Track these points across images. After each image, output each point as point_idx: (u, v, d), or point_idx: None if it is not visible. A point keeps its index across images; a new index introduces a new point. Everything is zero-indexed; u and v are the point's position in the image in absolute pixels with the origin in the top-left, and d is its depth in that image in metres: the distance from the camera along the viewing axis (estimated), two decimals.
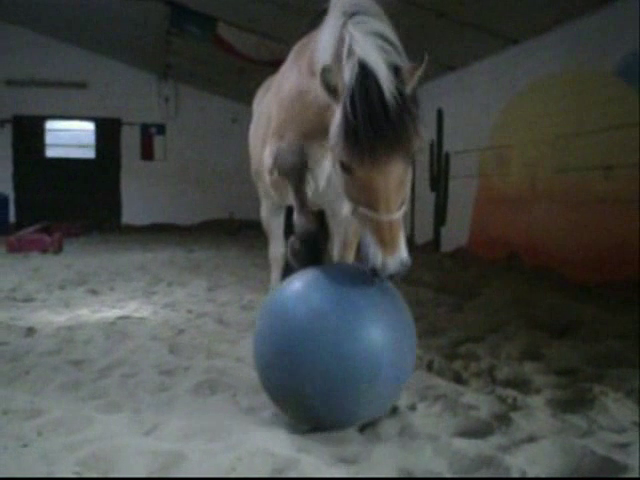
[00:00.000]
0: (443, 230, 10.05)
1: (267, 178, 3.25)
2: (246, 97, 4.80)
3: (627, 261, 5.92)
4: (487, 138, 8.68)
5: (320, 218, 3.03)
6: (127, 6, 11.09)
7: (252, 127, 4.33)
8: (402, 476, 2.19)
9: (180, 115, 16.86)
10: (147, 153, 16.90)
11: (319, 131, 2.72)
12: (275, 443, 2.40)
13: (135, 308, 5.53)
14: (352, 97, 2.08)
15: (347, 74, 2.12)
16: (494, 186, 8.54)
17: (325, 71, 2.16)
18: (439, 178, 10.07)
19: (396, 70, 2.16)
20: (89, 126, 16.72)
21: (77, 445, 2.39)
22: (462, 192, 9.37)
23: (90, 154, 16.85)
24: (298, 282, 2.59)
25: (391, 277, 2.19)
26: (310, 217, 2.82)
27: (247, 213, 15.33)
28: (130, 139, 16.73)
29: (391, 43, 2.23)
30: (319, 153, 2.89)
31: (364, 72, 2.10)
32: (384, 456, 2.33)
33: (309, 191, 3.05)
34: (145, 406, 2.89)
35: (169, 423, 2.63)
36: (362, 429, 2.59)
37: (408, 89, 2.16)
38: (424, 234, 10.56)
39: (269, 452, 2.30)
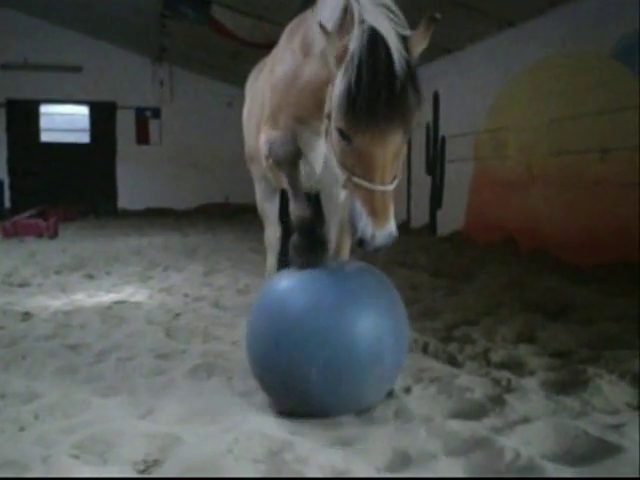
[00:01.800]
0: (439, 214, 10.05)
1: (264, 163, 3.24)
2: (241, 80, 4.76)
3: (623, 243, 5.94)
4: (483, 121, 8.65)
5: (315, 206, 3.01)
6: None
7: (245, 110, 4.31)
8: (397, 459, 2.20)
9: (175, 99, 16.77)
10: (142, 137, 16.83)
11: (314, 114, 2.72)
12: (271, 426, 2.41)
13: (131, 292, 5.54)
14: (360, 63, 2.04)
15: (355, 41, 2.08)
16: (490, 169, 8.54)
17: (331, 36, 2.14)
18: (435, 161, 10.06)
19: (404, 40, 2.13)
20: (84, 110, 16.63)
21: (74, 428, 2.41)
22: (458, 175, 9.36)
23: (85, 138, 16.77)
24: (295, 275, 2.64)
25: (378, 249, 2.18)
26: (305, 205, 2.84)
27: (243, 197, 15.30)
28: (125, 123, 16.65)
29: (397, 15, 2.21)
30: (314, 137, 2.88)
31: (374, 39, 2.06)
32: (379, 438, 2.34)
33: (305, 175, 3.05)
34: (141, 390, 2.90)
35: (165, 406, 2.65)
36: (358, 412, 2.61)
37: (413, 59, 2.14)
38: (420, 218, 10.56)
39: (265, 435, 2.31)
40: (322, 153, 2.96)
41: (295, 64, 2.78)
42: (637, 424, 2.41)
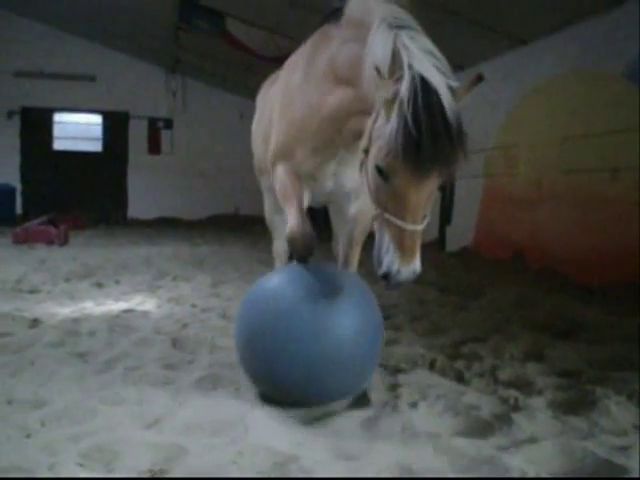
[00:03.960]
0: (448, 229, 10.05)
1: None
2: (253, 93, 4.80)
3: (632, 263, 5.91)
4: (494, 138, 8.67)
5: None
6: (137, 0, 11.10)
7: (255, 122, 4.34)
8: (402, 474, 2.19)
9: (187, 110, 16.90)
10: (154, 147, 16.95)
11: (332, 141, 2.77)
12: (276, 438, 2.41)
13: (140, 301, 5.55)
14: (414, 109, 2.07)
15: (406, 86, 2.11)
16: (500, 186, 8.53)
17: (386, 83, 2.15)
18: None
19: (451, 90, 2.17)
20: (97, 119, 16.77)
21: (80, 436, 2.41)
22: (468, 192, 9.36)
23: (97, 147, 16.91)
24: (281, 275, 2.88)
25: (400, 284, 2.22)
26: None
27: (252, 208, 15.34)
28: (137, 133, 16.78)
29: (443, 63, 2.25)
30: (327, 160, 2.92)
31: (426, 87, 2.10)
32: (385, 453, 2.34)
33: (313, 194, 3.11)
34: (148, 399, 2.90)
35: (172, 417, 2.65)
36: (363, 425, 2.60)
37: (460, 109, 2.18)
38: (429, 233, 10.54)
39: (270, 447, 2.31)
40: (331, 171, 3.00)
41: (319, 94, 2.79)
42: None
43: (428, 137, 2.06)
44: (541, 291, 6.00)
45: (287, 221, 2.99)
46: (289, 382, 2.65)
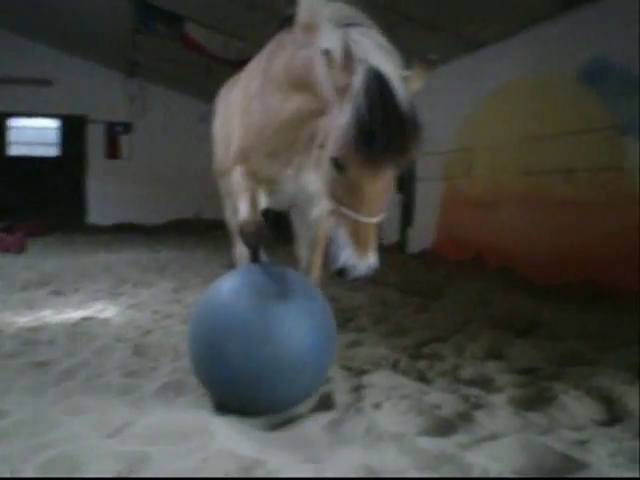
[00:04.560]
0: (409, 231, 10.15)
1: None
2: (213, 96, 4.78)
3: (587, 262, 6.07)
4: (453, 140, 8.79)
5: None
6: (93, 3, 10.95)
7: (215, 125, 4.33)
8: (368, 475, 2.21)
9: (147, 114, 16.68)
10: (113, 152, 16.69)
11: (290, 145, 2.78)
12: (241, 444, 2.41)
13: (100, 309, 5.47)
14: (368, 99, 2.09)
15: (359, 78, 2.13)
16: (460, 188, 8.66)
17: (336, 69, 2.17)
18: (406, 180, 10.16)
19: (404, 80, 2.21)
20: (53, 124, 16.45)
21: (40, 447, 2.37)
22: (429, 194, 9.48)
23: (54, 152, 16.57)
24: (233, 281, 2.85)
25: (356, 279, 2.23)
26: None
27: (214, 213, 15.21)
28: (95, 137, 16.50)
29: (395, 57, 2.28)
30: (286, 165, 2.93)
31: (379, 79, 2.12)
32: (349, 455, 2.35)
33: (273, 200, 3.13)
34: (109, 408, 2.86)
35: (134, 425, 2.61)
36: (328, 428, 2.61)
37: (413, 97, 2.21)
38: (390, 235, 10.63)
39: (235, 453, 2.30)
40: (293, 176, 3.01)
41: (276, 99, 2.81)
42: (601, 440, 2.47)
43: (382, 128, 2.08)
44: (500, 291, 6.12)
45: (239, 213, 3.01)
46: (239, 389, 2.66)
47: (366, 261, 2.20)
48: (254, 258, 2.98)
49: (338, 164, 2.19)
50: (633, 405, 2.81)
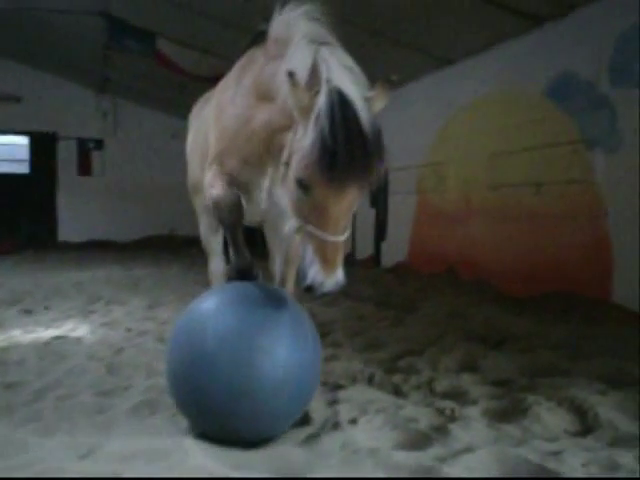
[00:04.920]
0: (383, 245, 10.20)
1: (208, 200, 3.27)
2: (186, 113, 4.77)
3: (557, 274, 6.16)
4: (425, 155, 8.89)
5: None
6: (63, 19, 10.86)
7: (189, 141, 4.32)
8: None
9: (119, 130, 16.57)
10: (84, 168, 16.51)
11: (262, 157, 2.80)
12: (216, 462, 2.38)
13: (71, 328, 5.38)
14: (331, 121, 2.12)
15: (323, 99, 2.17)
16: (432, 202, 8.75)
17: (300, 87, 2.20)
18: (379, 194, 10.22)
19: (367, 101, 2.25)
20: (23, 140, 16.24)
21: (11, 470, 2.31)
22: (402, 208, 9.55)
23: (24, 169, 16.34)
24: (214, 300, 2.72)
25: (324, 295, 2.28)
26: (247, 258, 2.96)
27: (188, 229, 15.13)
28: (67, 154, 16.31)
29: (361, 78, 2.33)
30: (258, 177, 2.95)
31: (343, 100, 2.16)
32: (325, 470, 2.34)
33: (248, 212, 3.12)
34: (81, 429, 2.82)
35: (106, 445, 2.57)
36: (304, 444, 2.60)
37: (376, 118, 2.26)
38: (364, 249, 10.68)
39: (210, 471, 2.28)
40: (266, 189, 3.01)
41: (248, 108, 2.84)
42: (575, 450, 2.49)
43: (344, 150, 2.11)
44: (473, 303, 6.17)
45: (211, 194, 3.01)
46: (217, 417, 2.55)
47: (333, 278, 2.23)
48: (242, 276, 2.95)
49: (303, 184, 2.22)
50: (605, 415, 2.85)
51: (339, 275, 2.25)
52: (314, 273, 2.22)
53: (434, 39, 7.54)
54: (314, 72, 2.24)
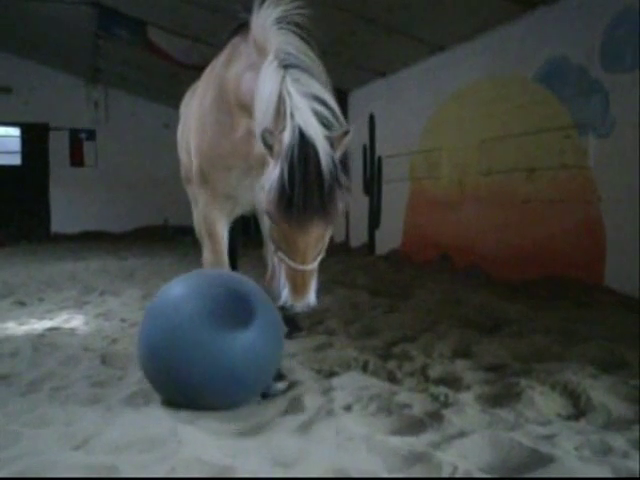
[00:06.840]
0: (377, 233, 10.21)
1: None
2: (178, 102, 4.76)
3: (549, 259, 6.18)
4: (418, 142, 8.88)
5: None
6: (53, 9, 10.76)
7: (180, 130, 4.32)
8: (338, 476, 2.22)
9: (111, 120, 16.47)
10: (76, 159, 16.42)
11: (246, 158, 2.87)
12: (211, 451, 2.38)
13: (66, 319, 5.38)
14: (291, 163, 2.18)
15: (287, 137, 2.22)
16: (425, 189, 8.75)
17: (265, 133, 2.26)
18: (372, 182, 10.23)
19: (329, 139, 2.27)
20: (14, 132, 16.14)
21: (5, 462, 2.31)
22: (395, 195, 9.55)
23: (16, 160, 16.25)
24: (183, 285, 2.96)
25: (296, 314, 2.40)
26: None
27: (183, 219, 15.09)
28: (58, 145, 16.22)
29: (327, 106, 2.35)
30: (243, 175, 3.03)
31: (303, 141, 2.20)
32: (320, 457, 2.35)
33: (239, 205, 3.22)
34: (76, 419, 2.82)
35: (101, 436, 2.57)
36: (298, 431, 2.61)
37: (338, 157, 2.28)
38: (359, 237, 10.69)
39: (204, 460, 2.28)
40: (252, 184, 3.08)
41: (230, 117, 2.94)
42: (568, 434, 2.51)
43: (300, 192, 2.17)
44: (467, 290, 6.19)
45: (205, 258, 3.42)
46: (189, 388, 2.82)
47: (302, 303, 2.33)
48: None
49: (270, 216, 2.29)
50: (598, 398, 2.87)
51: (309, 300, 2.35)
52: (285, 295, 2.34)
53: (426, 25, 7.52)
54: (280, 108, 2.31)
